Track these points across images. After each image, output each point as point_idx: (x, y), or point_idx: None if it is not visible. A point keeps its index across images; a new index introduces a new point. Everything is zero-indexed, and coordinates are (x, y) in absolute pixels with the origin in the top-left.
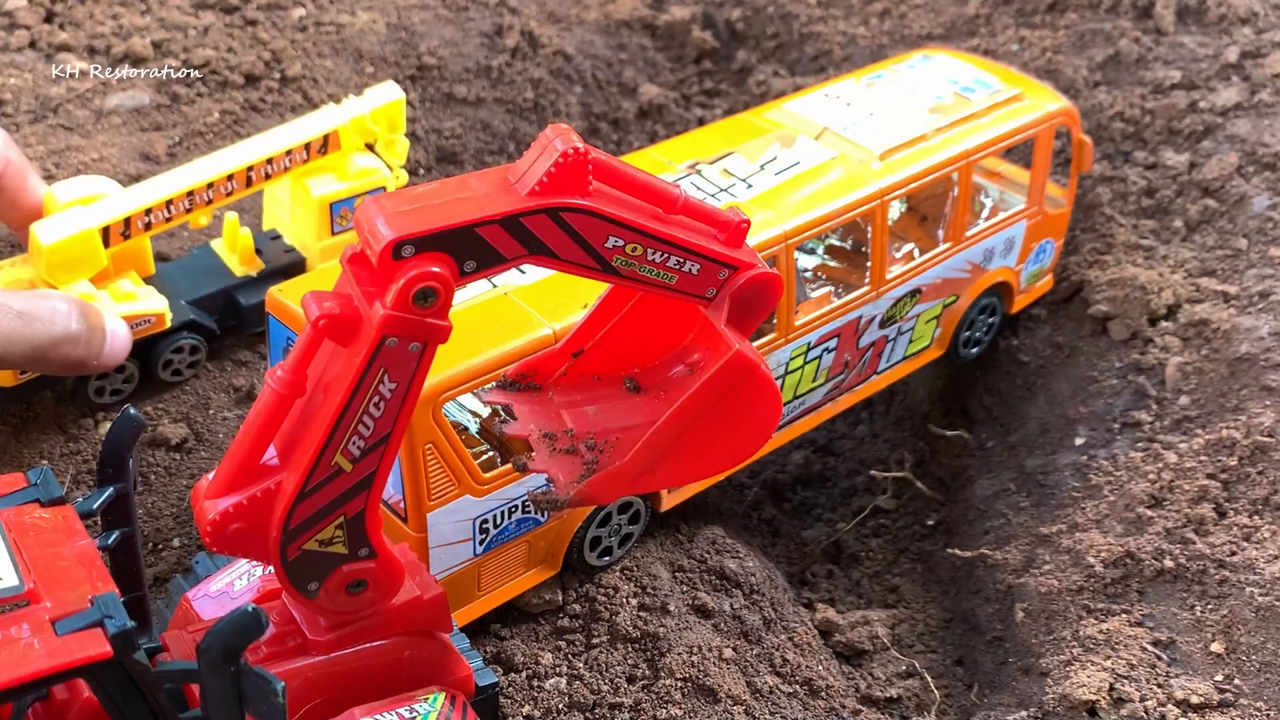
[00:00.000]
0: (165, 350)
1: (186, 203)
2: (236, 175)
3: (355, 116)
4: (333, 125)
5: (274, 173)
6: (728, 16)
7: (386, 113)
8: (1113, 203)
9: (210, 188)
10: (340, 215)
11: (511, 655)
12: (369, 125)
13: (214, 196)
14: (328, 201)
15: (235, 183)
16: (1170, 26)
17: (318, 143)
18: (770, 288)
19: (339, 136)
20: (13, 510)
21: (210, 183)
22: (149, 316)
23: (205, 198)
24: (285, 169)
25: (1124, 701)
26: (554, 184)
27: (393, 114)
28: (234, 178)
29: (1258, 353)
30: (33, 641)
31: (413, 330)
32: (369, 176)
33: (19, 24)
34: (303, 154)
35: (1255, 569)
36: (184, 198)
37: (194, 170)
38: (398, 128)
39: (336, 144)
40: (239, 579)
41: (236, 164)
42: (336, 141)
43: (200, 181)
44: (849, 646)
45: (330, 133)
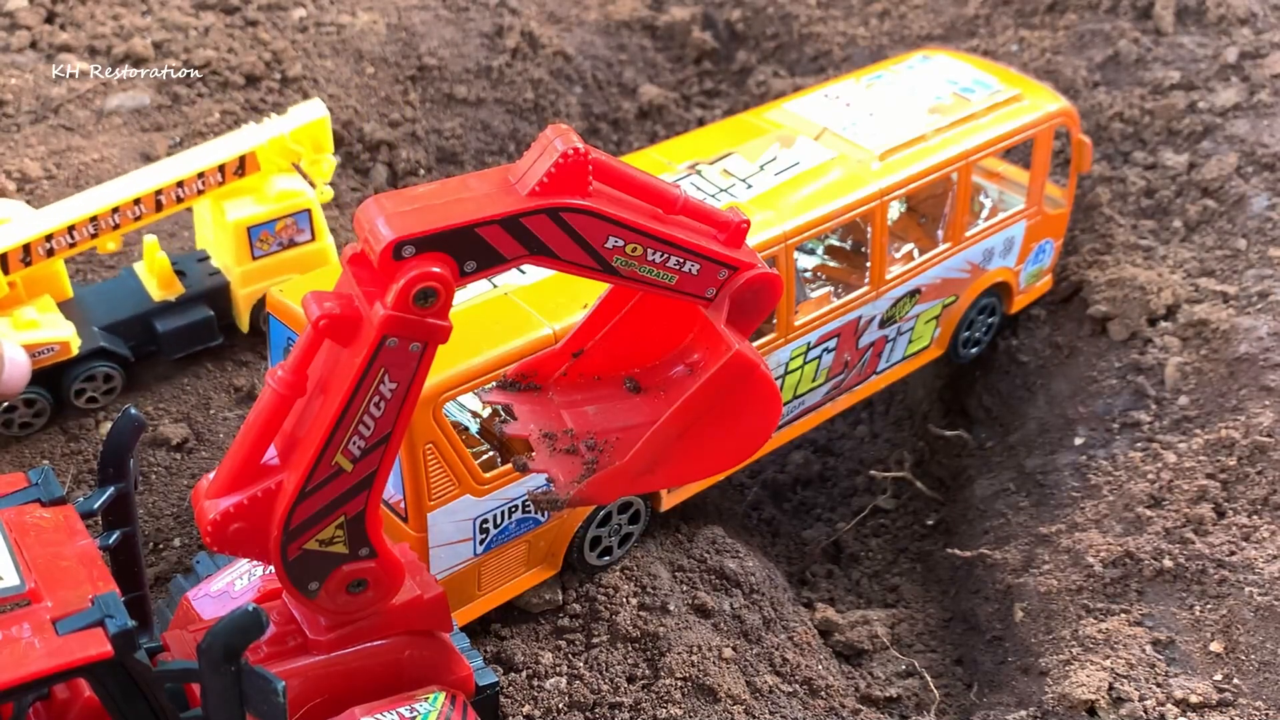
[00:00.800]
0: (76, 379)
1: (91, 228)
2: (144, 199)
3: (274, 137)
4: (249, 146)
5: (186, 196)
6: (728, 17)
7: (310, 132)
8: (1112, 203)
9: (116, 212)
10: (260, 239)
11: (512, 655)
12: (290, 145)
13: (120, 221)
14: (244, 225)
15: (143, 207)
16: (1169, 27)
17: (233, 164)
18: (770, 288)
19: (257, 158)
20: (14, 510)
21: (115, 207)
22: (52, 345)
23: (111, 222)
24: (199, 192)
25: (1123, 701)
26: (554, 184)
27: (316, 133)
28: (141, 202)
29: (1257, 353)
30: (34, 641)
31: (413, 330)
32: (290, 199)
33: (20, 24)
34: (217, 176)
35: (1254, 569)
36: (87, 223)
37: (100, 194)
38: (323, 147)
39: (255, 165)
40: (239, 579)
41: (144, 188)
42: (255, 163)
43: (105, 206)
44: (849, 646)
45: (247, 154)
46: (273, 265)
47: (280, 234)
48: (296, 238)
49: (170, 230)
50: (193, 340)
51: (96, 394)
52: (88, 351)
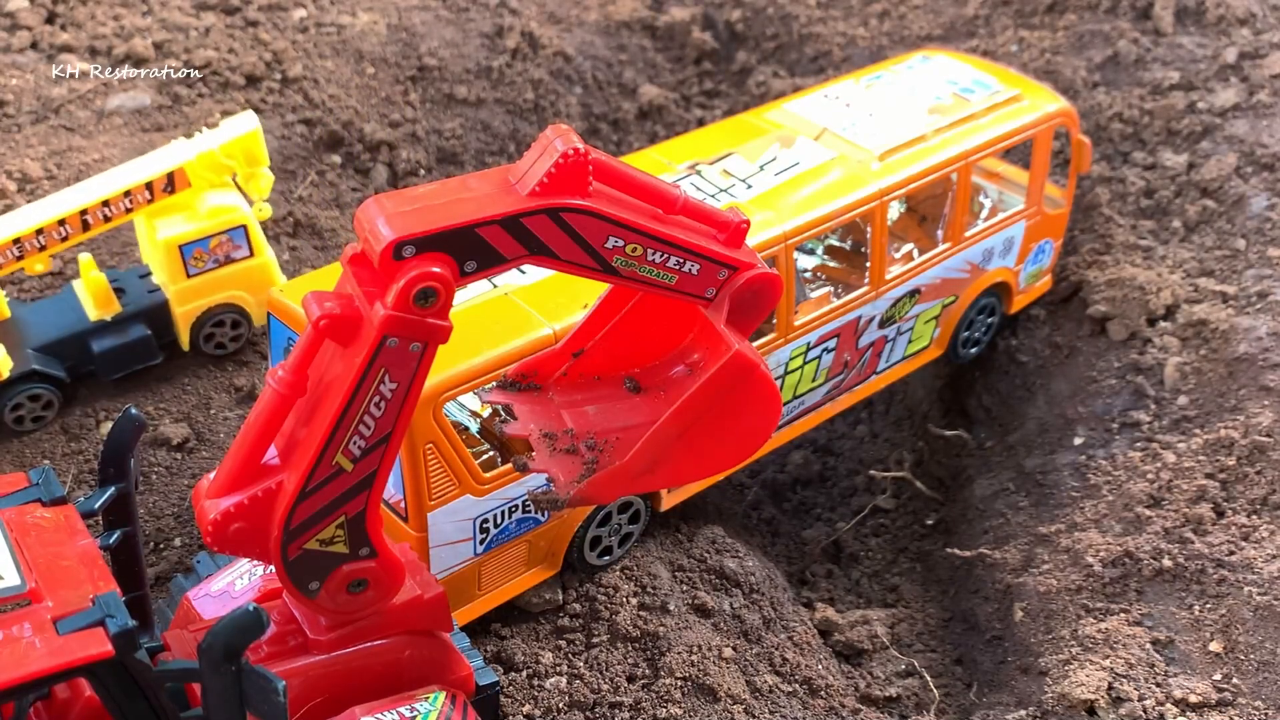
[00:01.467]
0: (9, 401)
1: (16, 250)
2: (69, 220)
3: (204, 151)
4: (176, 163)
5: (114, 215)
6: (727, 17)
7: (242, 145)
8: (1111, 203)
9: (40, 234)
10: (194, 257)
11: (512, 654)
12: (221, 160)
13: (46, 243)
14: (175, 243)
15: (69, 228)
16: (1169, 27)
17: (161, 181)
18: (770, 288)
19: (186, 174)
20: (14, 510)
21: (40, 229)
22: None
23: (37, 244)
24: (127, 210)
25: (1122, 700)
26: (554, 184)
27: (250, 146)
28: (66, 223)
29: (1256, 353)
30: (34, 641)
31: (413, 330)
32: (223, 215)
33: (20, 25)
34: (145, 194)
35: (1254, 568)
36: (10, 246)
37: (24, 216)
38: (257, 160)
39: (185, 182)
40: (240, 578)
41: (69, 208)
42: (185, 179)
43: (29, 228)
44: (848, 646)
45: (175, 170)
46: (210, 282)
47: (215, 251)
48: (233, 254)
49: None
50: (130, 360)
51: (32, 415)
52: (19, 374)
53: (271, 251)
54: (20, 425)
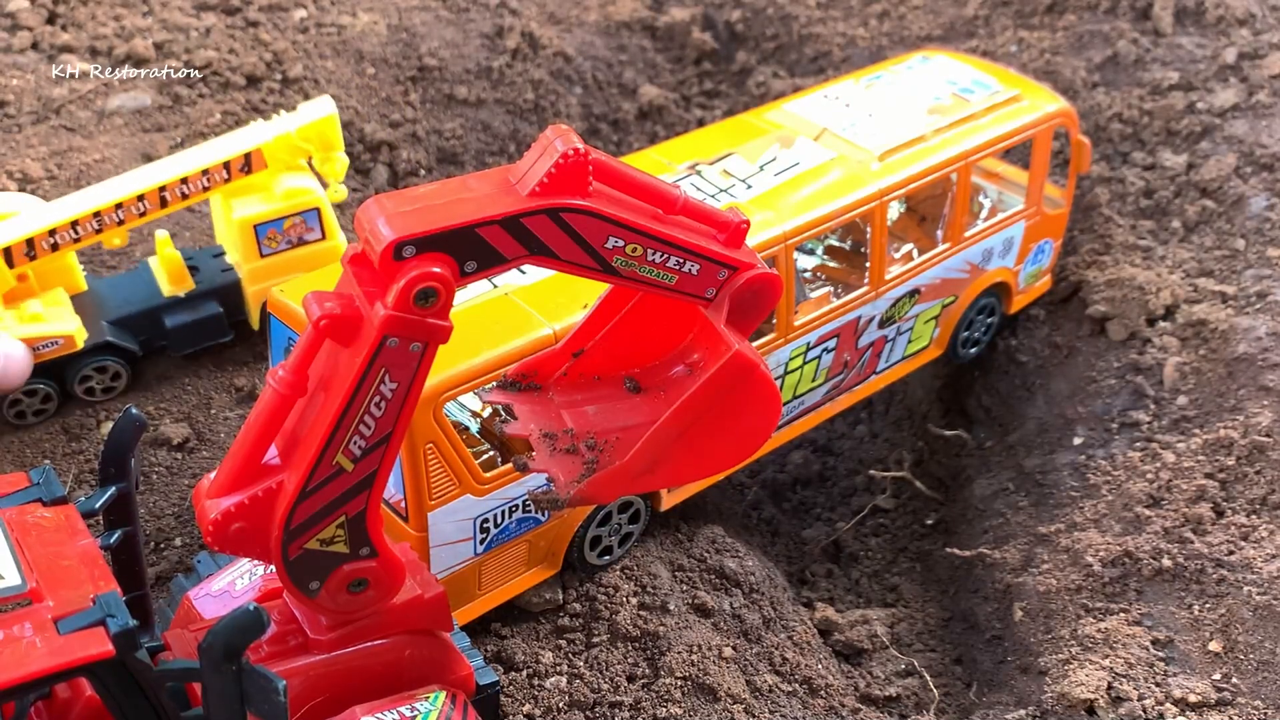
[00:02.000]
0: (80, 371)
1: (95, 223)
2: (148, 195)
3: (281, 134)
4: (254, 144)
5: (191, 193)
6: (727, 18)
7: (318, 129)
8: (1111, 203)
9: (119, 208)
10: (268, 237)
11: (512, 654)
12: (297, 143)
13: (125, 217)
14: (250, 223)
15: (148, 203)
16: (1168, 28)
17: (238, 162)
18: (770, 288)
19: (263, 155)
20: (15, 509)
21: (119, 203)
22: (56, 338)
23: (115, 218)
24: (204, 189)
25: (1122, 700)
26: (554, 185)
27: (325, 130)
28: (145, 198)
29: (1255, 353)
30: (35, 640)
31: (414, 330)
32: (298, 198)
33: (21, 25)
34: (222, 173)
35: (1253, 568)
36: (91, 219)
37: (105, 190)
38: (333, 145)
39: (262, 163)
40: (240, 578)
41: (148, 184)
42: (261, 160)
43: (109, 202)
44: (848, 645)
45: (252, 151)
46: (282, 263)
47: (288, 232)
48: (306, 236)
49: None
50: (201, 336)
51: (103, 387)
52: (93, 345)
53: (344, 236)
54: (91, 396)
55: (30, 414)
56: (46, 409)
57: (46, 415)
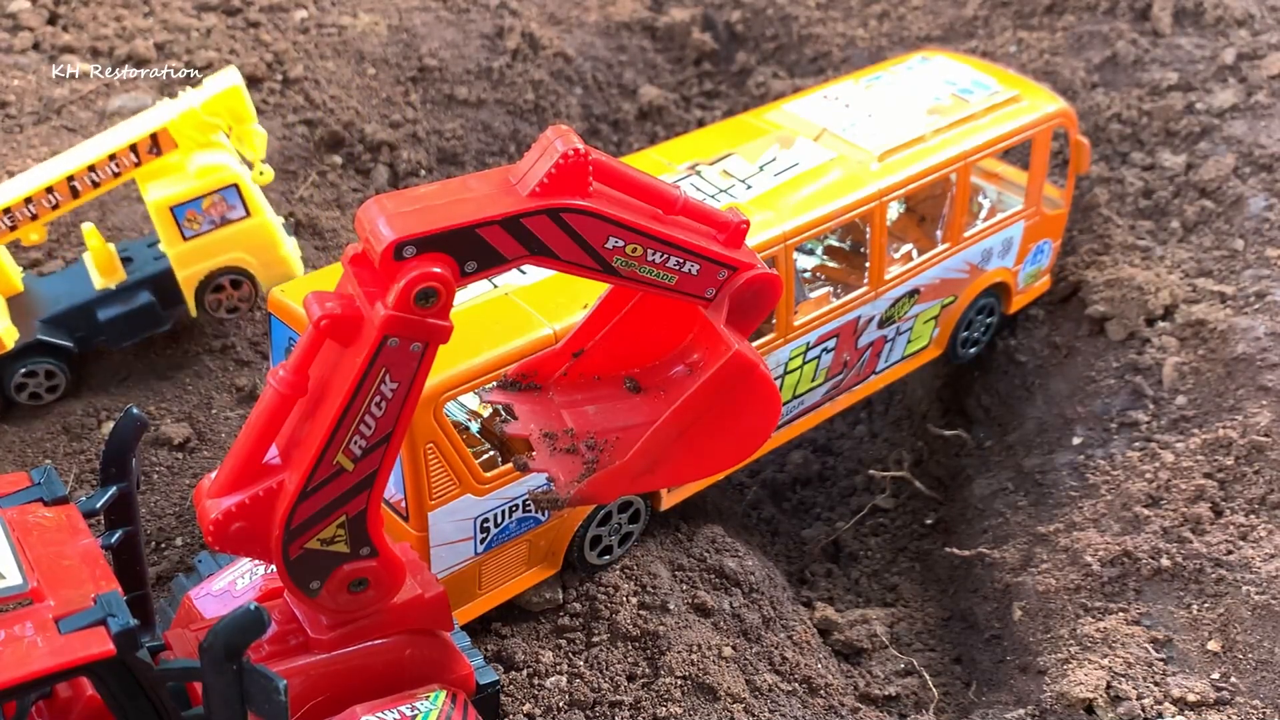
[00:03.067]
0: (14, 375)
1: (7, 220)
2: (57, 187)
3: (185, 110)
4: (158, 123)
5: (102, 180)
6: (727, 18)
7: (224, 101)
8: (1110, 203)
9: (29, 202)
10: (188, 218)
11: (512, 653)
12: (205, 119)
13: (38, 211)
14: (165, 205)
15: (58, 195)
16: (1167, 28)
17: (145, 144)
18: (769, 288)
19: (170, 134)
20: (16, 509)
21: (28, 198)
22: None
23: (28, 213)
24: (115, 174)
25: (1121, 700)
26: (554, 185)
27: (232, 102)
28: (54, 190)
29: (1254, 353)
30: (36, 640)
31: (414, 330)
32: (212, 175)
33: (22, 25)
34: (130, 157)
35: (1252, 568)
36: (1, 216)
37: (11, 186)
38: (244, 117)
39: (171, 142)
40: (241, 578)
41: (55, 175)
42: (170, 140)
43: (17, 198)
44: (848, 645)
45: (158, 131)
46: (209, 244)
47: (209, 211)
48: (228, 214)
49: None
50: (137, 328)
51: (40, 390)
52: (25, 345)
53: (272, 213)
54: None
55: None
56: None
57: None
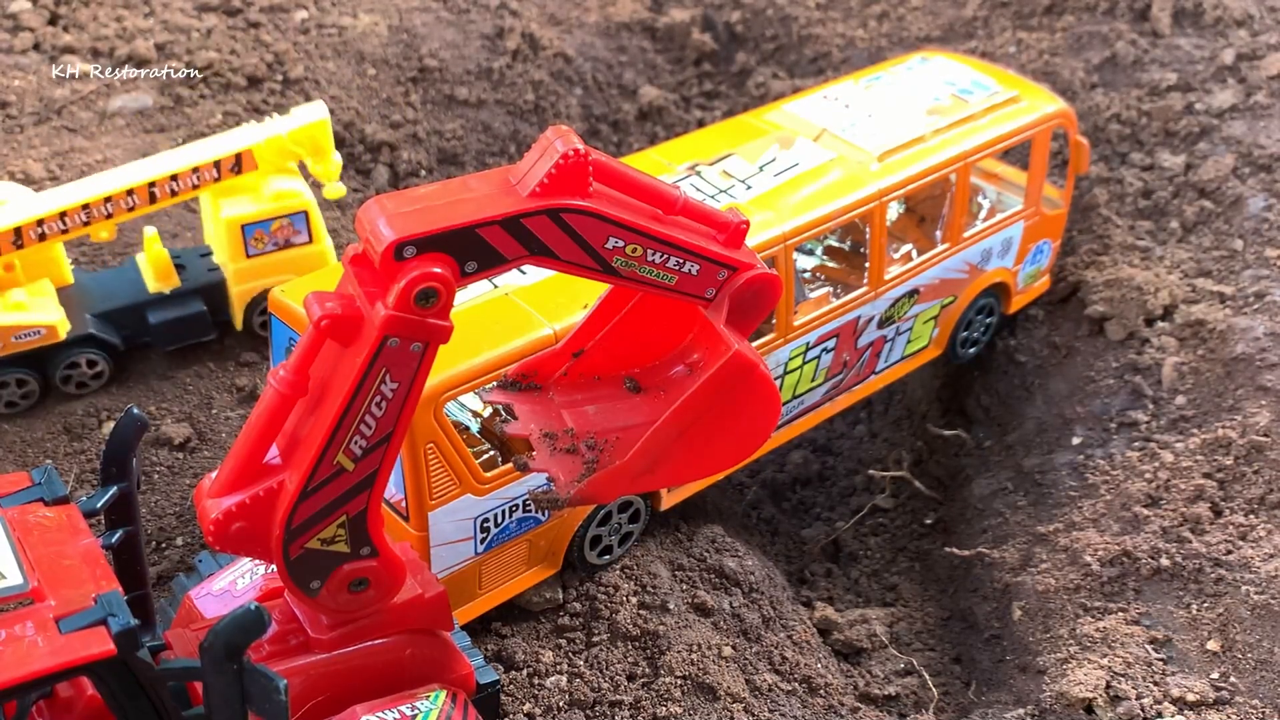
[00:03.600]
0: (62, 363)
1: (84, 215)
2: (137, 190)
3: (272, 136)
4: (245, 145)
5: (180, 190)
6: (727, 19)
7: (309, 133)
8: (1109, 204)
9: (108, 202)
10: (255, 238)
11: (512, 653)
12: (289, 146)
13: (113, 211)
14: (238, 224)
15: (136, 198)
16: (1167, 29)
17: (229, 161)
18: (769, 288)
19: (254, 156)
20: (17, 509)
21: (109, 196)
22: (38, 328)
23: (104, 211)
24: (194, 186)
25: (1121, 699)
26: (554, 185)
27: (317, 134)
28: (134, 193)
29: (1254, 353)
30: (37, 639)
31: (414, 330)
32: (287, 200)
33: (23, 26)
34: (212, 172)
35: (1251, 568)
36: (79, 210)
37: (94, 183)
38: (324, 150)
39: (253, 164)
40: (241, 577)
41: (138, 179)
42: (252, 161)
43: (98, 195)
44: (847, 644)
45: (243, 152)
46: (268, 265)
47: (276, 234)
48: (293, 239)
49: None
50: (185, 334)
51: (84, 379)
52: (76, 337)
53: (330, 241)
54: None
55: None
56: (23, 403)
57: (26, 406)
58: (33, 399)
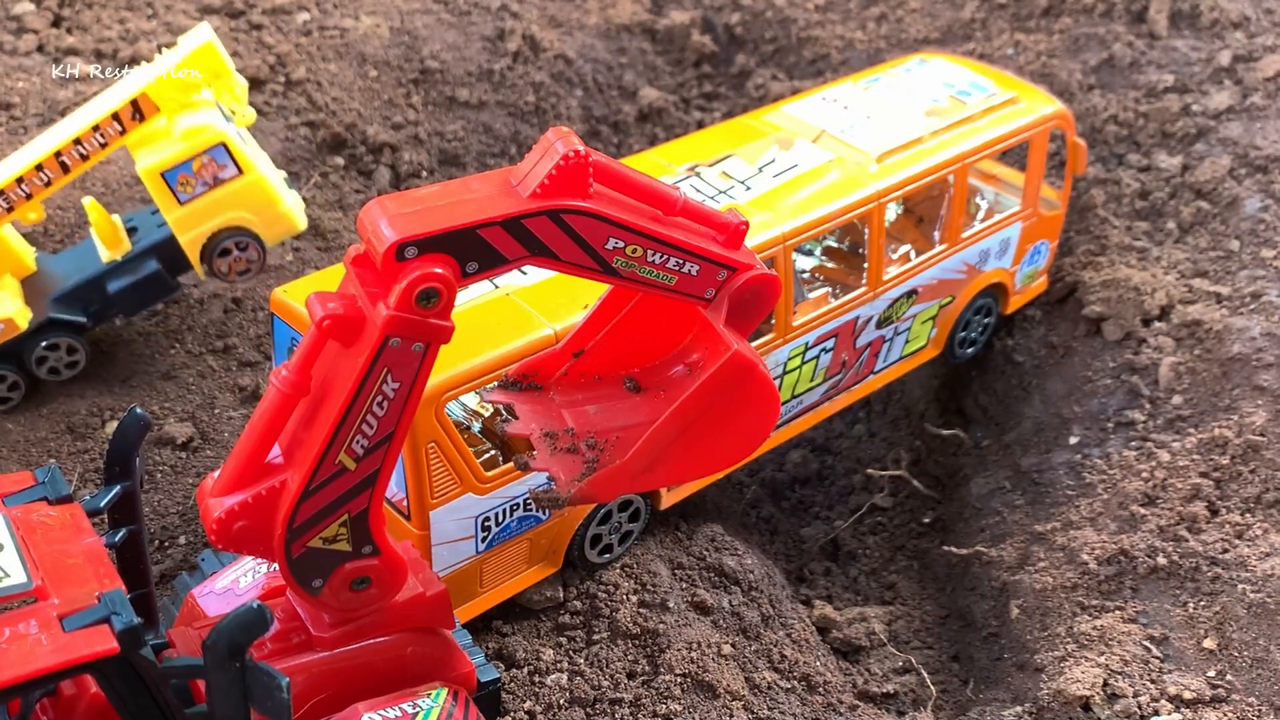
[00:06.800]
0: (34, 351)
1: (3, 202)
2: (47, 164)
3: (161, 74)
4: (136, 89)
5: (90, 152)
6: (727, 21)
7: (199, 59)
8: (1107, 205)
9: (21, 183)
10: (180, 182)
11: (513, 651)
12: (182, 78)
13: (32, 190)
14: (155, 171)
15: (48, 172)
16: (1163, 30)
17: (127, 111)
18: (768, 288)
19: (150, 99)
20: (21, 508)
21: (20, 177)
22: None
23: (22, 193)
24: (102, 145)
25: (1118, 697)
26: (555, 186)
27: (207, 58)
28: (44, 167)
29: (1250, 353)
30: (40, 638)
31: (416, 330)
32: (197, 136)
33: (27, 28)
34: (114, 126)
35: (1247, 566)
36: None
37: (2, 168)
38: (220, 72)
39: (153, 107)
40: (244, 576)
41: (44, 151)
42: (151, 104)
43: (8, 178)
44: (846, 643)
45: (137, 96)
46: (206, 206)
47: (200, 173)
48: (220, 174)
49: None
50: (147, 297)
51: (59, 365)
52: (40, 324)
53: (269, 167)
54: (56, 375)
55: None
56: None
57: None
58: (20, 392)
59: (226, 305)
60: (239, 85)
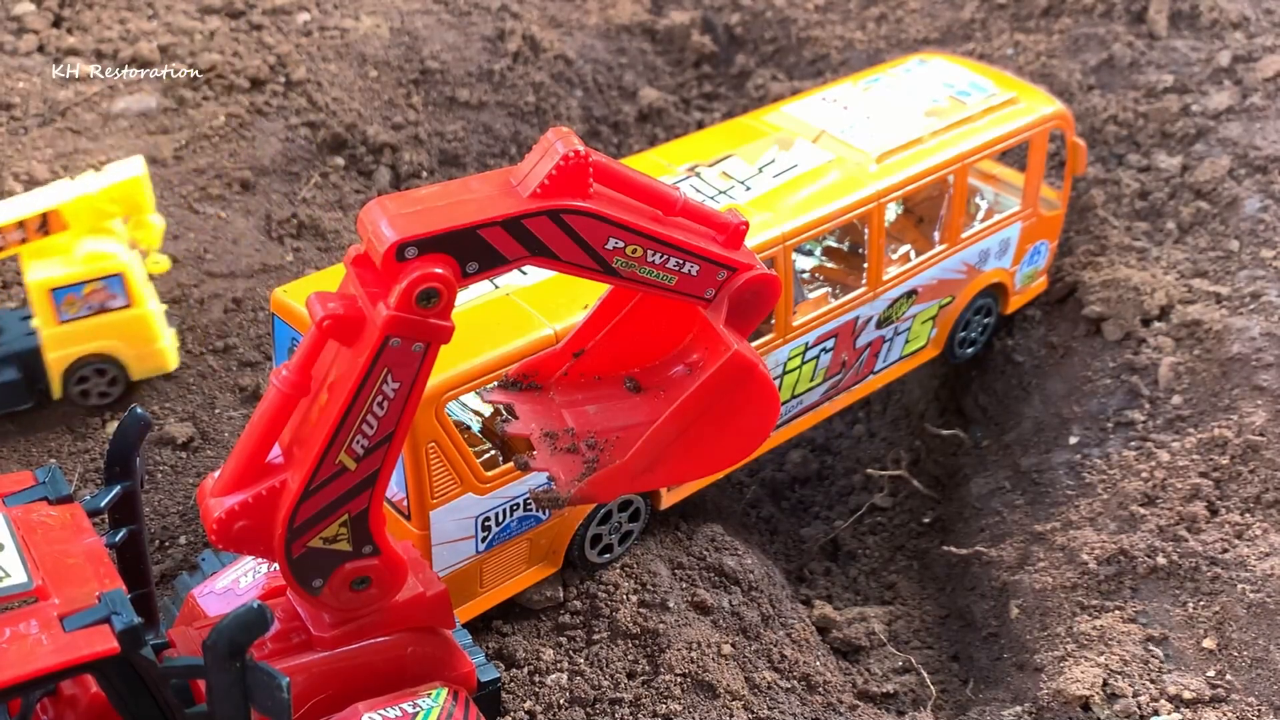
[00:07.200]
0: None
1: None
2: None
3: (81, 195)
4: (53, 204)
5: None
6: (727, 21)
7: (124, 190)
8: (1106, 205)
9: None
10: (66, 302)
11: (513, 651)
12: (102, 205)
13: None
14: (46, 287)
15: None
16: (1163, 31)
17: (34, 222)
18: (768, 289)
19: (62, 216)
20: (21, 508)
21: None
22: None
23: None
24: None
25: (1117, 697)
26: (555, 186)
27: (132, 192)
28: None
29: (1249, 353)
30: (41, 638)
31: (416, 330)
32: (99, 262)
33: (27, 28)
34: (17, 233)
35: (1247, 566)
36: None
37: None
38: (141, 207)
39: (61, 224)
40: (244, 576)
41: None
42: (61, 221)
43: None
44: (846, 642)
45: (49, 212)
46: (84, 330)
47: (89, 298)
48: (109, 303)
49: None
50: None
51: None
52: None
53: (156, 303)
54: None
55: None
56: None
57: None
58: None
59: (227, 305)
60: (156, 226)
